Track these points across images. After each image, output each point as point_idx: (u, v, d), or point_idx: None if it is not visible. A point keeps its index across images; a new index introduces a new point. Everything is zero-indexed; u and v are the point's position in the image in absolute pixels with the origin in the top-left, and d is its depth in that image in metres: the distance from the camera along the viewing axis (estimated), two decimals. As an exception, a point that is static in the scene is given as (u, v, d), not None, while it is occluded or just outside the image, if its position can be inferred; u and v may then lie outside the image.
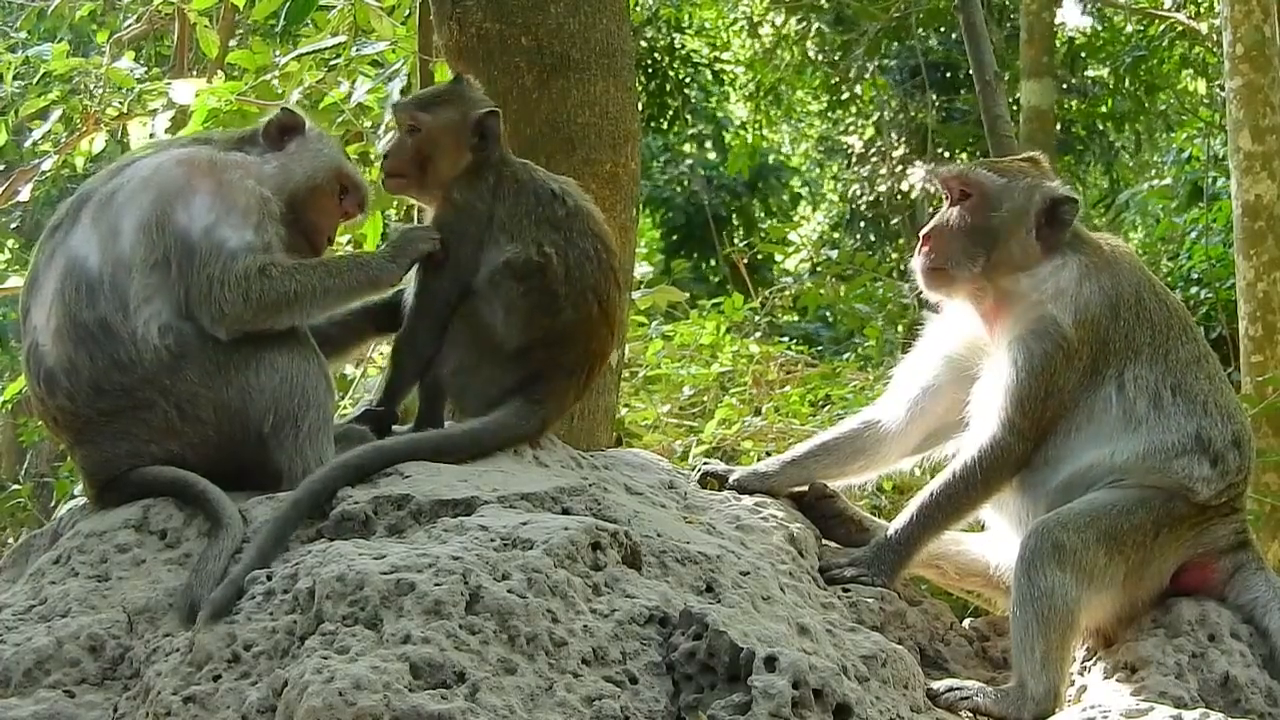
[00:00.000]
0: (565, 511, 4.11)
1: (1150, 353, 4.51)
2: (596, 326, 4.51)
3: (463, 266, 4.48)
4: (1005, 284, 4.60)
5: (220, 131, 4.87)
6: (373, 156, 8.82)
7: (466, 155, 4.58)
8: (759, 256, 19.03)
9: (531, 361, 4.45)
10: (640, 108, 8.79)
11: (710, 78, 22.24)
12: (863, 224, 20.68)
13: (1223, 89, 11.15)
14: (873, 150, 20.63)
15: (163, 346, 4.26)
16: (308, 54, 8.75)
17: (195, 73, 9.94)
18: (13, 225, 16.10)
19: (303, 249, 4.55)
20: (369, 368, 9.26)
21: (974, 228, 4.61)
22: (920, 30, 19.14)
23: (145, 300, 4.28)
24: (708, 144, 22.45)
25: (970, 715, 4.15)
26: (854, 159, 21.15)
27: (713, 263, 20.31)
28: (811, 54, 20.55)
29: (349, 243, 8.10)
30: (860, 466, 4.86)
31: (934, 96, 19.07)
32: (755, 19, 21.35)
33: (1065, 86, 19.33)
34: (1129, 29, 19.65)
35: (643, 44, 20.11)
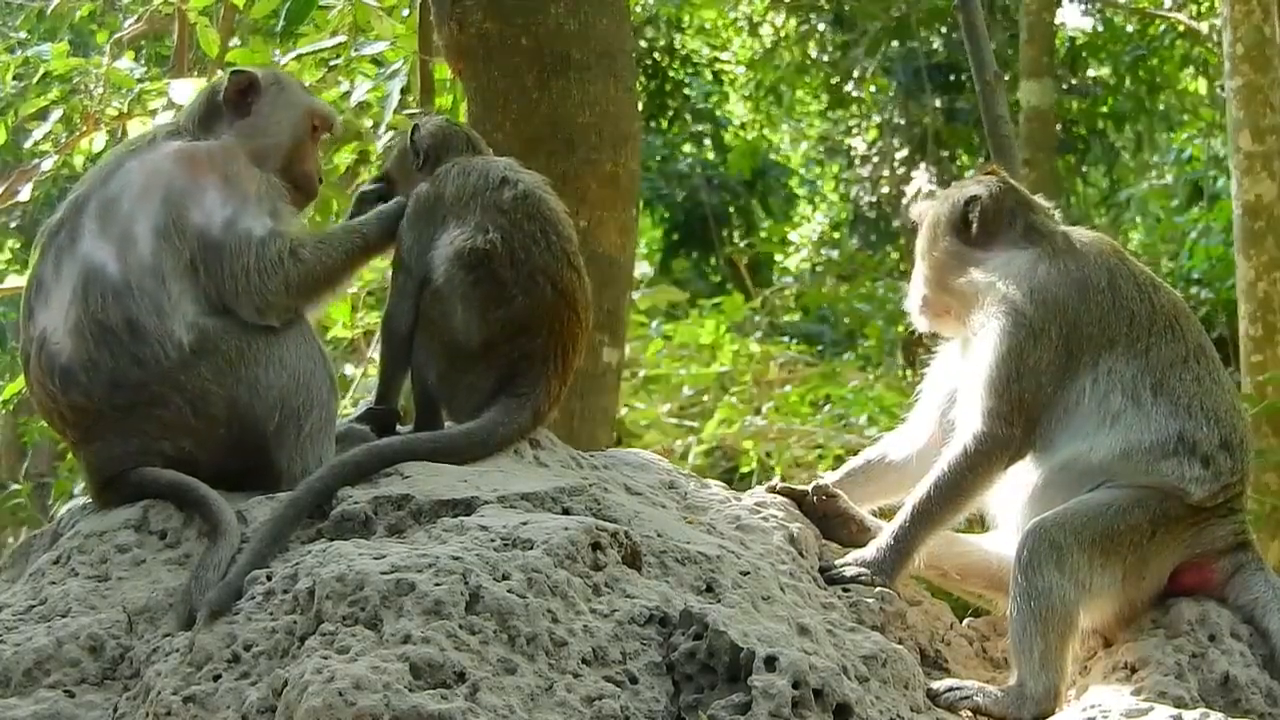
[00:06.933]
0: (565, 511, 4.11)
1: (1127, 345, 4.51)
2: (556, 310, 4.44)
3: (420, 240, 4.55)
4: (959, 286, 4.70)
5: (183, 115, 4.75)
6: (373, 157, 8.83)
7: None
8: (759, 256, 19.05)
9: (500, 357, 4.42)
10: (640, 108, 8.79)
11: (710, 78, 22.24)
12: (864, 225, 20.69)
13: (1223, 89, 11.15)
14: (874, 150, 20.64)
15: (185, 344, 4.27)
16: (308, 54, 8.75)
17: (195, 72, 9.93)
18: (13, 225, 16.09)
19: (297, 200, 4.63)
20: (369, 367, 9.27)
21: (916, 255, 4.88)
22: (922, 30, 19.14)
23: (175, 303, 4.29)
24: (707, 144, 22.45)
25: (970, 715, 4.14)
26: (856, 159, 21.16)
27: (713, 262, 20.31)
28: (812, 54, 20.56)
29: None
30: (882, 490, 4.90)
31: (935, 97, 19.08)
32: (755, 19, 21.36)
33: (1065, 86, 19.33)
34: (1129, 29, 19.66)
35: (643, 44, 20.11)
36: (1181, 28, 17.98)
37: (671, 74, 21.31)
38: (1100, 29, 20.03)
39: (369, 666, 3.45)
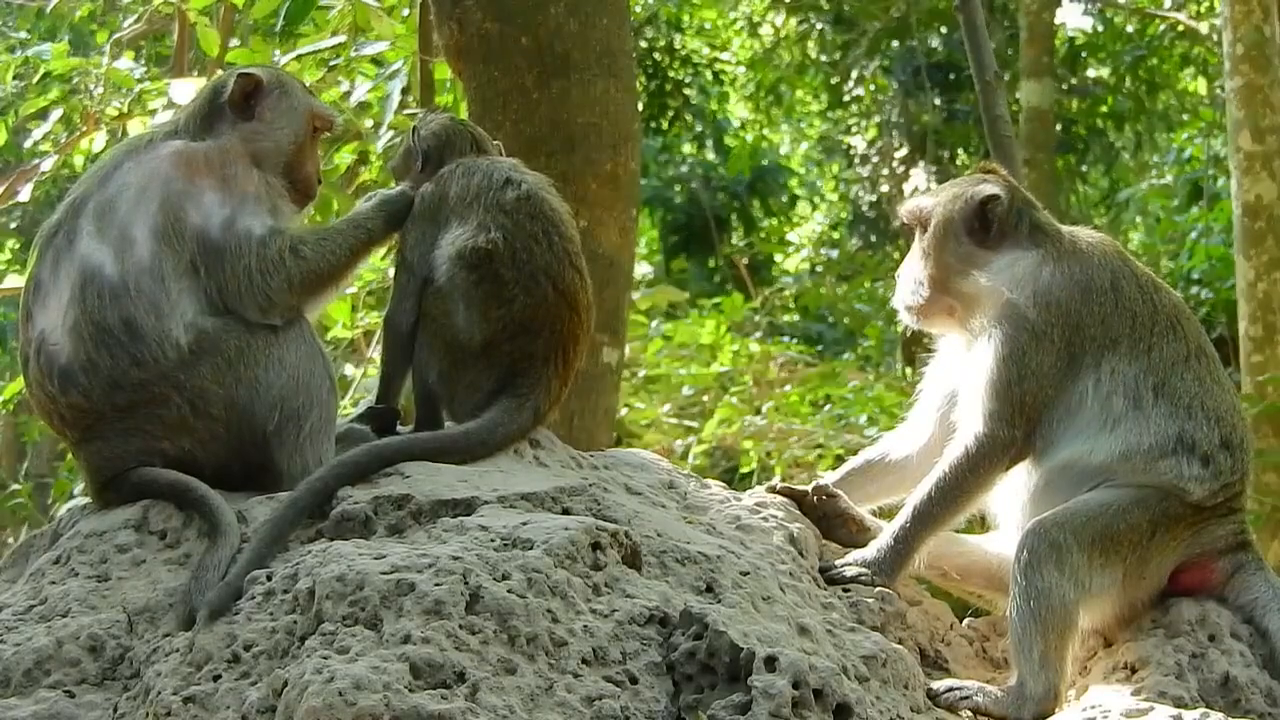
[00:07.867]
0: (565, 511, 4.11)
1: (1129, 345, 4.51)
2: (557, 310, 4.44)
3: (423, 240, 4.55)
4: (963, 288, 4.69)
5: (183, 114, 4.73)
6: (373, 157, 8.84)
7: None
8: (759, 256, 19.05)
9: (501, 356, 4.42)
10: (640, 108, 8.80)
11: (710, 78, 22.25)
12: (864, 225, 20.70)
13: (1223, 89, 11.15)
14: (874, 150, 20.65)
15: (184, 344, 4.28)
16: (308, 54, 8.76)
17: (195, 72, 9.94)
18: (13, 225, 16.10)
19: (297, 201, 4.63)
20: (369, 367, 9.27)
21: (917, 254, 4.80)
22: (921, 30, 19.15)
23: (174, 304, 4.30)
24: (708, 144, 22.45)
25: (970, 715, 4.14)
26: (855, 159, 21.16)
27: (713, 263, 20.32)
28: (812, 54, 20.56)
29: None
30: (882, 489, 4.89)
31: (935, 97, 19.08)
32: (755, 19, 21.37)
33: (1065, 86, 19.34)
34: (1129, 29, 19.66)
35: (643, 44, 20.12)
36: (1181, 28, 17.98)
37: (671, 74, 21.31)
38: (1100, 29, 20.04)
39: (369, 666, 3.45)
